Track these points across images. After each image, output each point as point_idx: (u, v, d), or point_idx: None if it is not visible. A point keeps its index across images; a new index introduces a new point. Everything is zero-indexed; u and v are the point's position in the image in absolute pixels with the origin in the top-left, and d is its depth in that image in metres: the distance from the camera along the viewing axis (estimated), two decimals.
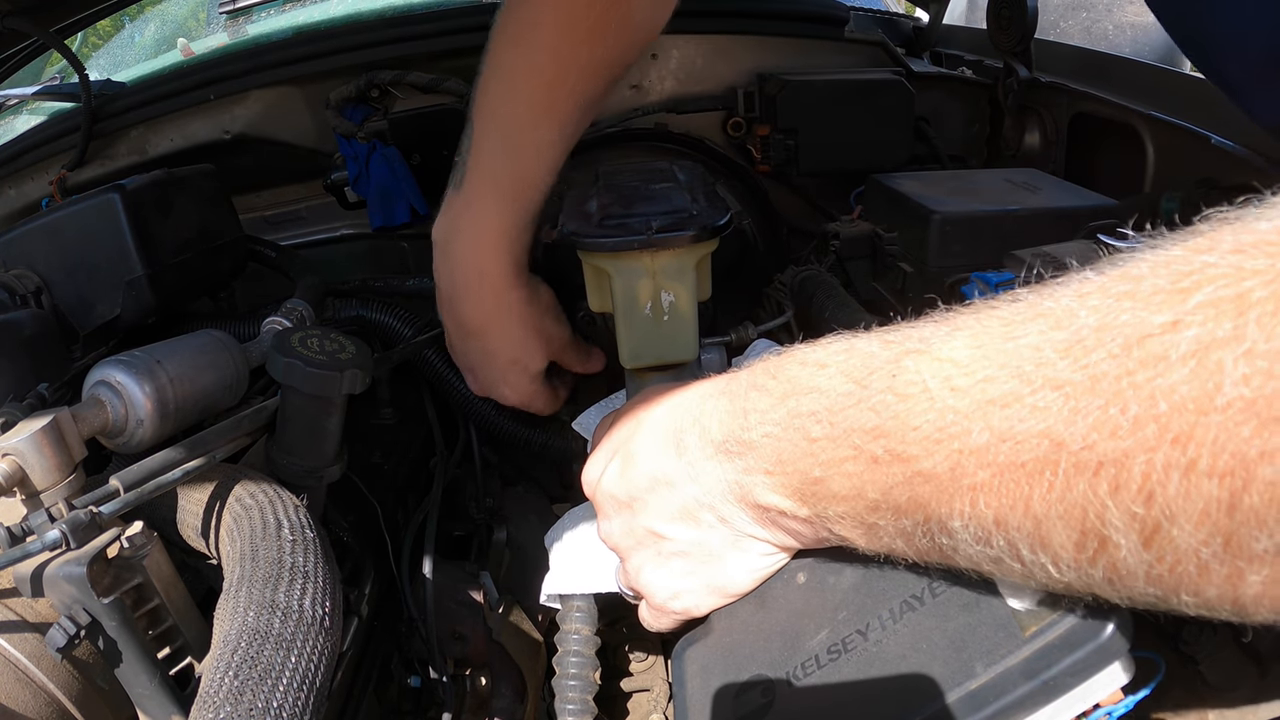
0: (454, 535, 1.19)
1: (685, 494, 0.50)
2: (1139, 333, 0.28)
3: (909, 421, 0.35)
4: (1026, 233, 0.79)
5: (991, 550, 0.34)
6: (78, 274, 0.84)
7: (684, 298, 0.72)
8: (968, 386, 0.33)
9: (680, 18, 1.22)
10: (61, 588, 0.55)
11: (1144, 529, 0.28)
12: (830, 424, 0.40)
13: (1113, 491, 0.29)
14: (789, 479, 0.43)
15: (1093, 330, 0.30)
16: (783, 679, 0.47)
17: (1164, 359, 0.27)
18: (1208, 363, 0.26)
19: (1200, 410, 0.26)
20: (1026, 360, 0.31)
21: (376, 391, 1.10)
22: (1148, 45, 3.09)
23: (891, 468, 0.36)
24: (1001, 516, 0.33)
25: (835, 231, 0.95)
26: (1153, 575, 0.29)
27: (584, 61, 0.80)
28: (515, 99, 0.81)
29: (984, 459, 0.32)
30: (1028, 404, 0.31)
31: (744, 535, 0.50)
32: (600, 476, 0.58)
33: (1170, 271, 0.28)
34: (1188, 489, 0.27)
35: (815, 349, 0.44)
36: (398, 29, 1.18)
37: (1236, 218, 0.28)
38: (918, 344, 0.37)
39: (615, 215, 0.73)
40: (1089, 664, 0.36)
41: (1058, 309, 0.32)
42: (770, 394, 0.45)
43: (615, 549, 0.59)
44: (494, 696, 1.01)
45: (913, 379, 0.36)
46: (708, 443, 0.49)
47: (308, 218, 1.32)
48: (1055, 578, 0.33)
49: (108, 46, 1.92)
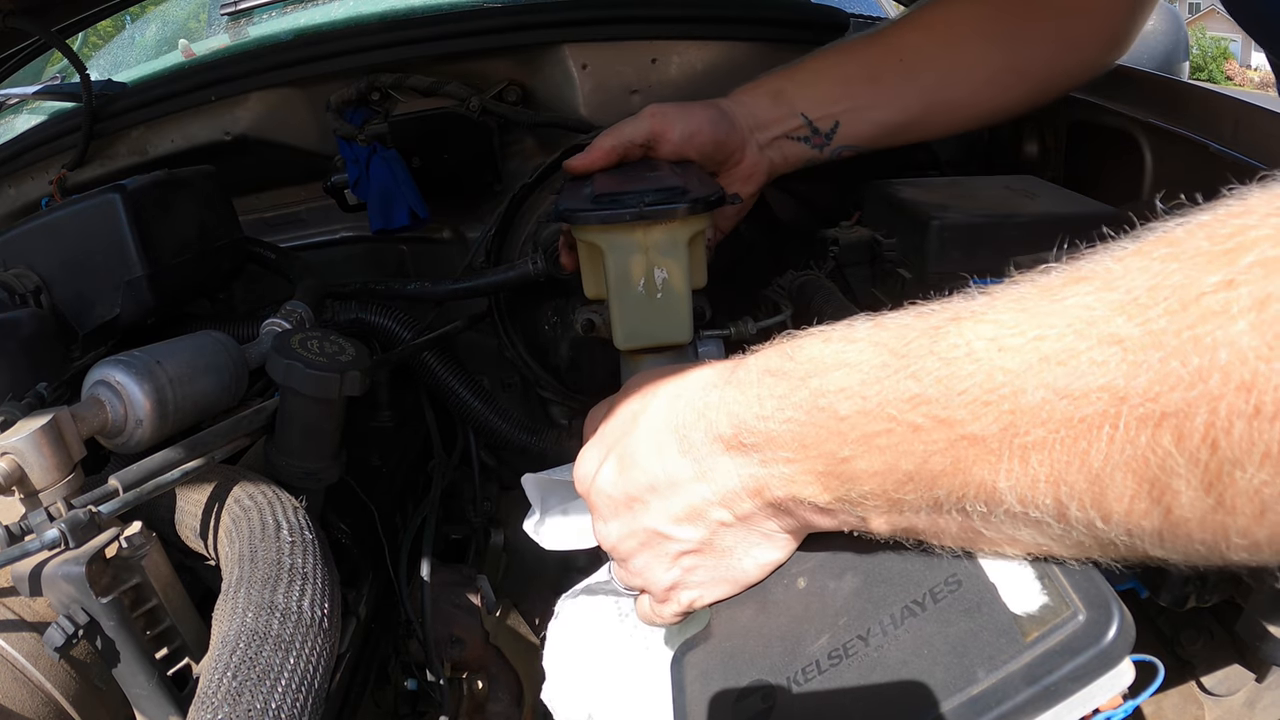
0: (451, 538, 1.19)
1: (692, 493, 0.49)
2: (1195, 290, 0.29)
3: (954, 386, 0.35)
4: (1026, 240, 0.79)
5: (1035, 512, 0.34)
6: (77, 274, 0.83)
7: (677, 275, 0.72)
8: (1018, 345, 0.34)
9: (680, 23, 1.22)
10: (60, 587, 0.55)
11: (1207, 475, 0.29)
12: (863, 398, 0.39)
13: (1177, 441, 0.29)
14: (813, 463, 0.42)
15: (1145, 290, 0.31)
16: (783, 684, 0.47)
17: (1223, 313, 0.28)
18: (1266, 314, 0.27)
19: (1262, 358, 0.27)
20: (1079, 319, 0.32)
21: (375, 394, 1.11)
22: (1147, 53, 3.10)
23: (933, 434, 0.36)
24: (1055, 474, 0.33)
25: (834, 237, 0.96)
26: (1209, 521, 0.30)
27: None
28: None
29: (1039, 417, 0.33)
30: (1085, 359, 0.31)
31: (756, 530, 0.49)
32: (595, 476, 0.55)
33: (1208, 233, 0.30)
34: (1253, 433, 0.28)
35: (837, 327, 0.43)
36: (399, 32, 1.18)
37: (1262, 187, 0.30)
38: (955, 312, 0.37)
39: (609, 193, 0.73)
40: (1091, 669, 0.36)
41: (1100, 271, 0.33)
42: (789, 377, 0.43)
43: (613, 551, 0.56)
44: (490, 700, 1.01)
45: (956, 342, 0.36)
46: (716, 438, 0.47)
47: (307, 220, 1.32)
48: (1099, 535, 0.34)
49: (109, 46, 1.92)
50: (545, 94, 1.22)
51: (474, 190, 1.23)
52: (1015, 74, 0.92)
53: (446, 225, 1.27)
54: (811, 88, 0.93)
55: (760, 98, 0.93)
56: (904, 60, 0.92)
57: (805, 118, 0.92)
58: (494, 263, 1.14)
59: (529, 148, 1.26)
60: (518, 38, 1.18)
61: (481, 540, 1.20)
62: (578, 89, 1.21)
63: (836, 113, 0.92)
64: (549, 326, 1.18)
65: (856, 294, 0.95)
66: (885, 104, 0.93)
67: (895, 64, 0.92)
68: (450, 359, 1.14)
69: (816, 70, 0.95)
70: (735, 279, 1.03)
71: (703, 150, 0.89)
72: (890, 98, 0.93)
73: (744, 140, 0.92)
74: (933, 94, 0.93)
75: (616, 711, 0.63)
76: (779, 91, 0.93)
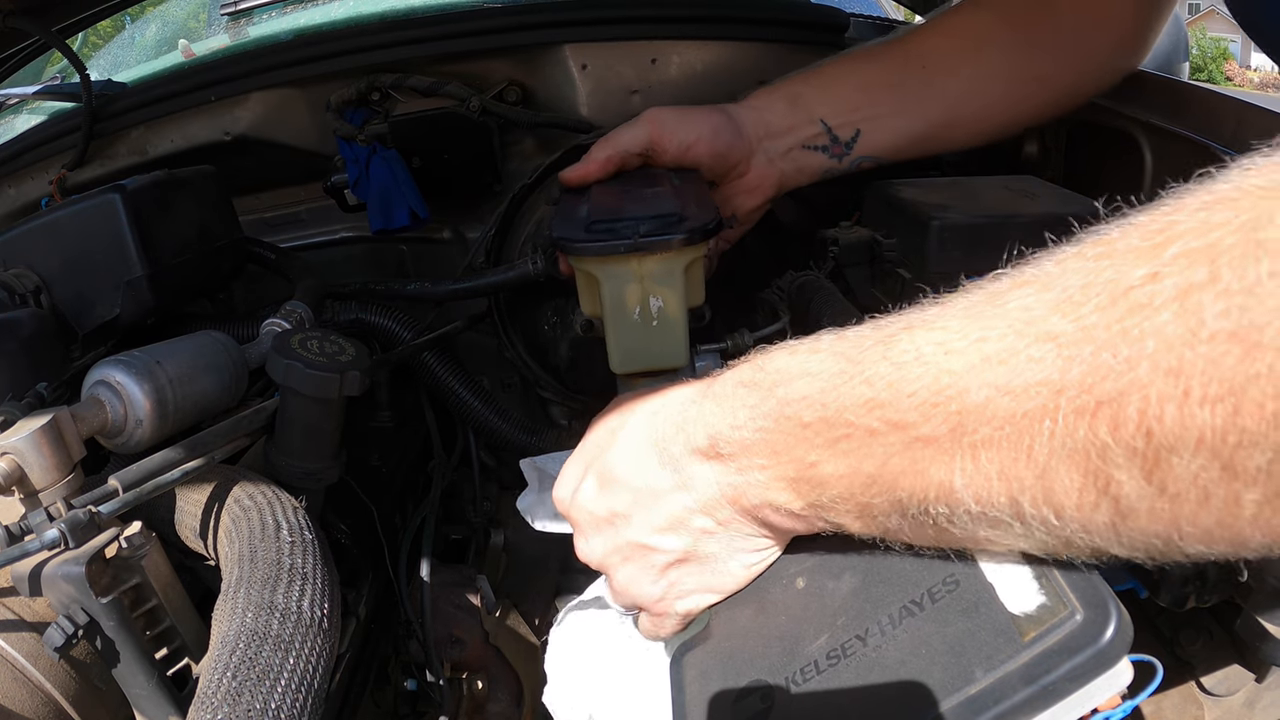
0: (451, 539, 1.19)
1: (673, 503, 0.50)
2: (1123, 285, 0.31)
3: (904, 389, 0.37)
4: (1025, 240, 0.79)
5: (992, 511, 0.36)
6: (77, 274, 0.84)
7: (673, 303, 0.72)
8: (963, 348, 0.35)
9: (681, 24, 1.22)
10: (60, 587, 0.55)
11: (1145, 462, 0.30)
12: (823, 404, 0.41)
13: (1113, 429, 0.30)
14: (784, 469, 0.44)
15: (1078, 288, 0.32)
16: (781, 684, 0.47)
17: (1148, 305, 0.29)
18: (1188, 304, 0.28)
19: (1186, 344, 0.28)
20: (1018, 320, 0.34)
21: (375, 394, 1.11)
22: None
23: (889, 437, 0.38)
24: (1005, 470, 0.34)
25: (834, 238, 0.95)
26: (1155, 511, 0.31)
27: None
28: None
29: (984, 415, 0.34)
30: (1023, 356, 0.33)
31: (737, 536, 0.50)
32: (574, 494, 0.56)
33: (1141, 232, 0.31)
34: (1183, 418, 0.29)
35: (805, 340, 0.45)
36: (399, 32, 1.18)
37: (1196, 186, 0.31)
38: (909, 321, 0.39)
39: (604, 220, 0.72)
40: (1088, 669, 0.36)
41: (1041, 275, 0.34)
42: (759, 387, 0.45)
43: (599, 567, 0.57)
44: (490, 700, 1.01)
45: (906, 348, 0.38)
46: (694, 449, 0.48)
47: (307, 220, 1.32)
48: (1056, 532, 0.35)
49: (109, 47, 1.92)
50: (545, 94, 1.22)
51: (474, 190, 1.23)
52: (1036, 82, 0.91)
53: (446, 225, 1.27)
54: (831, 93, 0.90)
55: (775, 103, 0.91)
56: (926, 67, 0.90)
57: (825, 124, 0.90)
58: (494, 263, 1.14)
59: (529, 148, 1.26)
60: (518, 38, 1.18)
61: (481, 540, 1.20)
62: (578, 89, 1.21)
63: (857, 120, 0.90)
64: (549, 327, 1.18)
65: (856, 295, 0.95)
66: (908, 111, 0.90)
67: (918, 70, 0.90)
68: (450, 359, 1.14)
69: (835, 75, 0.92)
70: (735, 281, 1.03)
71: (701, 161, 0.87)
72: (913, 105, 0.90)
73: (751, 150, 0.90)
74: (955, 101, 0.91)
75: (617, 713, 0.63)
76: (796, 96, 0.91)
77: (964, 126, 0.93)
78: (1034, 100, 0.92)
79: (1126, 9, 0.90)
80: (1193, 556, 0.32)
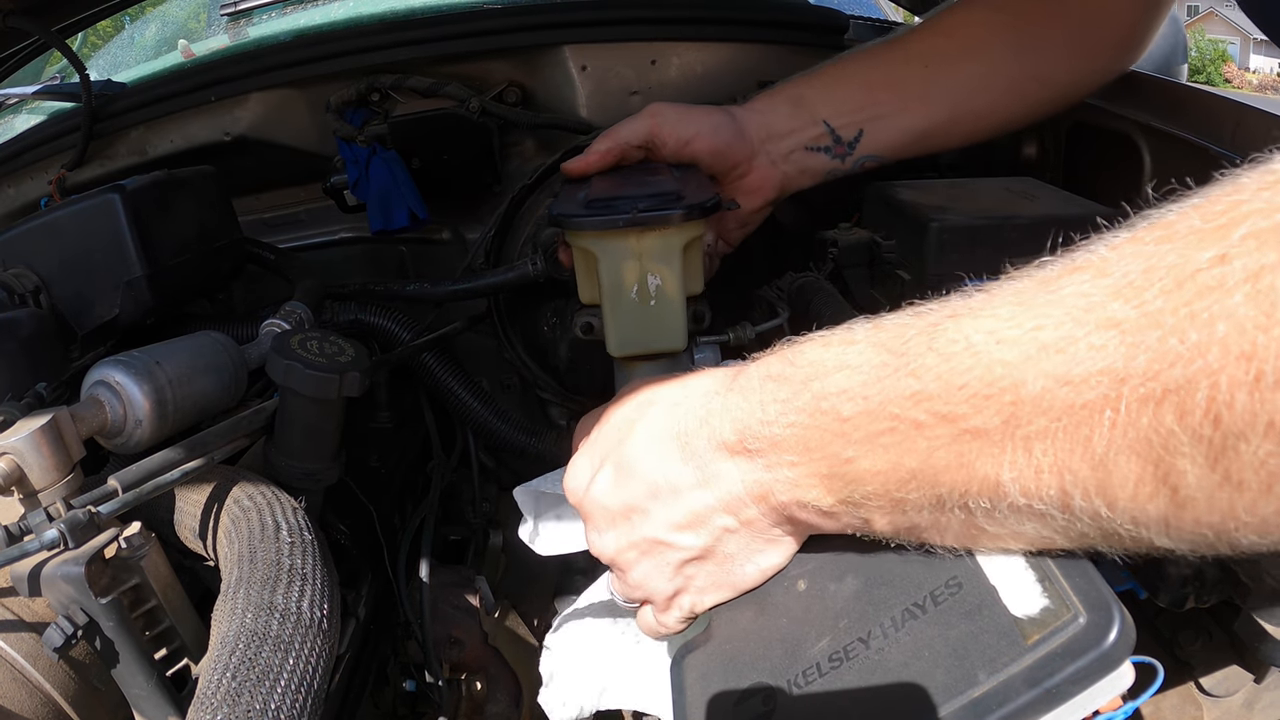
0: (450, 539, 1.19)
1: (695, 500, 0.49)
2: (1189, 268, 0.29)
3: (954, 381, 0.35)
4: (1025, 241, 0.79)
5: (1039, 504, 0.35)
6: (76, 274, 0.83)
7: (671, 282, 0.71)
8: (1017, 337, 0.34)
9: (680, 25, 1.22)
10: (59, 587, 0.55)
11: (1211, 449, 0.29)
12: (864, 398, 0.39)
13: (1179, 418, 0.29)
14: (817, 465, 0.42)
15: (1140, 273, 0.31)
16: (783, 687, 0.47)
17: (1218, 288, 0.28)
18: (1261, 285, 0.27)
19: (1260, 327, 0.27)
20: (1075, 306, 0.32)
21: (375, 395, 1.11)
22: (1145, 56, 3.10)
23: (936, 430, 0.36)
24: (1059, 463, 0.33)
25: (833, 239, 0.95)
26: (1216, 499, 0.30)
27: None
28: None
29: (1040, 406, 0.33)
30: (1083, 345, 0.32)
31: (759, 535, 0.49)
32: (589, 485, 0.54)
33: (1202, 214, 0.30)
34: (1255, 404, 0.28)
35: (836, 331, 0.43)
36: (399, 33, 1.18)
37: (1253, 167, 0.30)
38: (953, 309, 0.38)
39: (603, 198, 0.72)
40: (1092, 671, 0.36)
41: (1096, 260, 0.33)
42: (790, 381, 0.43)
43: (610, 562, 0.55)
44: (489, 700, 1.01)
45: (954, 338, 0.36)
46: (720, 444, 0.47)
47: (307, 220, 1.32)
48: (1103, 525, 0.34)
49: (108, 47, 1.91)
50: (545, 95, 1.22)
51: (474, 191, 1.23)
52: (1036, 81, 0.91)
53: (446, 226, 1.28)
54: (833, 93, 0.91)
55: (778, 105, 0.91)
56: (928, 66, 0.90)
57: (828, 125, 0.90)
58: (493, 264, 1.14)
59: (529, 149, 1.26)
60: (517, 39, 1.18)
61: (480, 541, 1.20)
62: (578, 90, 1.21)
63: (860, 120, 0.90)
64: (548, 328, 1.18)
65: (855, 296, 0.95)
66: (910, 110, 0.91)
67: (919, 69, 0.90)
68: (449, 360, 1.14)
69: (837, 76, 0.92)
70: (734, 281, 1.03)
71: (700, 157, 0.88)
72: (915, 104, 0.91)
73: (752, 152, 0.90)
74: (958, 99, 0.91)
75: (615, 714, 0.63)
76: (799, 98, 0.91)
77: (966, 124, 0.93)
78: (1035, 97, 0.93)
79: (1126, 8, 0.91)
80: (1240, 549, 0.32)
